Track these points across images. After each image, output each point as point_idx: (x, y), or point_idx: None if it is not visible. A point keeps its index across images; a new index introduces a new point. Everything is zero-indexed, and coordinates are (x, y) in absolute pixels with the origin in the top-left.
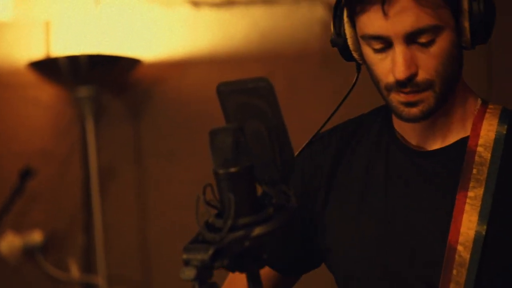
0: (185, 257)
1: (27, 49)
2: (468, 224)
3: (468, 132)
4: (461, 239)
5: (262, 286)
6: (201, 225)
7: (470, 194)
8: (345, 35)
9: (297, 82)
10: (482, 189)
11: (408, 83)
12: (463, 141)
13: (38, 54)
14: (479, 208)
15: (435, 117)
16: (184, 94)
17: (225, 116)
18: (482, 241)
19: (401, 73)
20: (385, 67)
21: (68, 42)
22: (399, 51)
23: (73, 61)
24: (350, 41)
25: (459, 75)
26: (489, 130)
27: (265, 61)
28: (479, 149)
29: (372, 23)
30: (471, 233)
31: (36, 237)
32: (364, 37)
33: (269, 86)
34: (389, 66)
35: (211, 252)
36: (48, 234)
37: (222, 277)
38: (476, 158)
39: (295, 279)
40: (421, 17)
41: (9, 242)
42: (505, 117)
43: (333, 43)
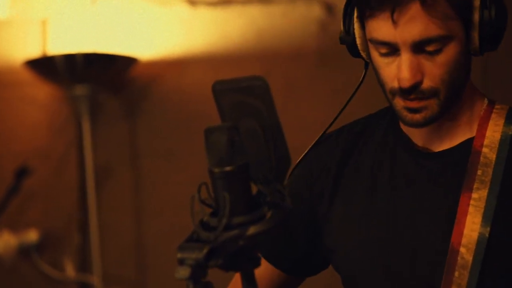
0: (179, 256)
1: (24, 47)
2: (472, 226)
3: (474, 133)
4: (464, 241)
5: (256, 286)
6: (196, 224)
7: (474, 195)
8: (354, 34)
9: (293, 81)
10: (487, 190)
11: (413, 90)
12: (469, 142)
13: (34, 53)
14: (483, 210)
15: (441, 120)
16: (180, 93)
17: (220, 115)
18: (485, 243)
19: (406, 81)
20: (391, 71)
21: (64, 41)
22: (406, 58)
23: (69, 59)
24: (358, 41)
25: (466, 81)
26: (494, 131)
27: (262, 60)
28: (484, 149)
29: (380, 29)
30: (474, 235)
31: (32, 236)
32: (372, 41)
33: (264, 85)
34: (394, 71)
35: (205, 251)
36: (43, 233)
37: (219, 276)
38: (481, 159)
39: (300, 279)
40: (429, 27)
41: (4, 241)
42: (511, 117)
43: (342, 40)
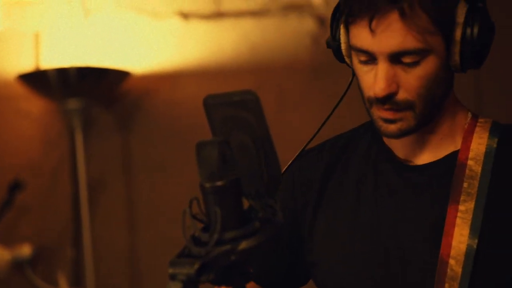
0: (171, 271)
1: (17, 61)
2: (460, 238)
3: (458, 146)
4: (452, 252)
5: None
6: (187, 239)
7: (461, 207)
8: (339, 39)
9: (286, 94)
10: (473, 202)
11: (387, 100)
12: (453, 155)
13: (27, 66)
14: (470, 222)
15: (422, 132)
16: (173, 106)
17: (212, 129)
18: (473, 255)
19: (380, 90)
20: (369, 80)
21: (57, 55)
22: (382, 68)
23: (62, 73)
24: (343, 46)
25: (445, 96)
26: (479, 144)
27: (255, 73)
28: (470, 162)
29: (360, 36)
30: (463, 247)
31: (25, 250)
32: (352, 48)
33: (255, 99)
34: (372, 80)
35: (197, 266)
36: (37, 247)
37: None
38: (467, 171)
39: None
40: (407, 39)
41: None
42: (495, 130)
43: (328, 45)
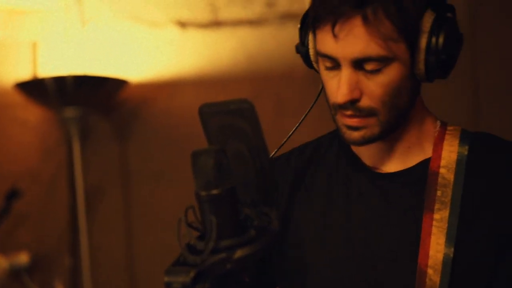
0: (166, 279)
1: (14, 69)
2: (436, 247)
3: (428, 154)
4: (430, 262)
5: None
6: (182, 247)
7: (436, 216)
8: (308, 45)
9: (284, 103)
10: (448, 211)
11: (350, 106)
12: (424, 163)
13: (25, 75)
14: (445, 230)
15: (389, 140)
16: (171, 114)
17: (207, 138)
18: (450, 264)
19: (342, 96)
20: (333, 86)
21: (54, 63)
22: (345, 74)
23: (59, 82)
24: (311, 51)
25: (411, 105)
26: (450, 152)
27: (252, 82)
28: (442, 170)
29: (324, 42)
30: (440, 256)
31: (23, 258)
32: (318, 53)
33: (251, 108)
34: (336, 86)
35: (192, 274)
36: (34, 255)
37: None
38: (440, 179)
39: None
40: (370, 46)
41: None
42: (465, 138)
43: (297, 50)
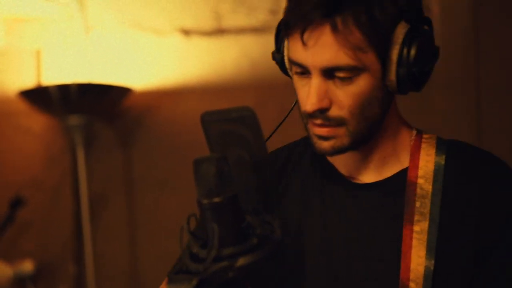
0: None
1: (18, 77)
2: (417, 260)
3: (404, 164)
4: (412, 275)
5: None
6: (182, 253)
7: (416, 228)
8: (283, 52)
9: (288, 111)
10: (427, 222)
11: (319, 115)
12: (402, 173)
13: (28, 83)
14: (425, 242)
15: (364, 150)
16: (175, 122)
17: (209, 145)
18: (431, 277)
19: (310, 105)
20: (304, 94)
21: (58, 71)
22: (314, 83)
23: (63, 89)
24: (286, 59)
25: (382, 116)
26: (427, 161)
27: (256, 89)
28: (420, 181)
29: (294, 49)
30: (421, 269)
31: (27, 266)
32: (290, 60)
33: (253, 115)
34: (306, 94)
35: (194, 283)
36: (39, 263)
37: None
38: (418, 190)
39: None
40: (339, 55)
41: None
42: (441, 146)
43: (273, 57)
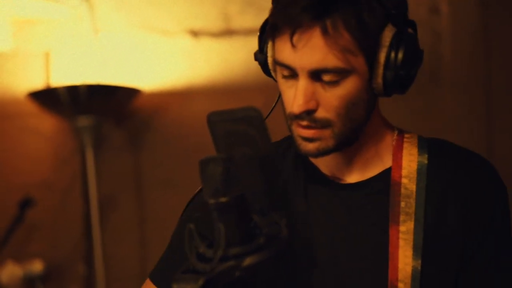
0: (175, 287)
1: (27, 79)
2: (405, 260)
3: (387, 164)
4: (400, 276)
5: None
6: (192, 255)
7: (402, 228)
8: (266, 53)
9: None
10: (412, 222)
11: (306, 117)
12: (384, 173)
13: (37, 84)
14: (412, 243)
15: (346, 153)
16: (184, 123)
17: (215, 146)
18: (419, 277)
19: (297, 106)
20: (290, 96)
21: (67, 72)
22: (301, 84)
23: (72, 91)
24: (269, 60)
25: (367, 118)
26: (410, 161)
27: (264, 91)
28: (404, 180)
29: (282, 51)
30: (408, 269)
31: (37, 267)
32: (276, 62)
33: (259, 115)
34: (293, 96)
35: (201, 282)
36: (48, 264)
37: None
38: (402, 190)
39: None
40: (328, 57)
41: (9, 272)
42: (423, 145)
43: (255, 57)
